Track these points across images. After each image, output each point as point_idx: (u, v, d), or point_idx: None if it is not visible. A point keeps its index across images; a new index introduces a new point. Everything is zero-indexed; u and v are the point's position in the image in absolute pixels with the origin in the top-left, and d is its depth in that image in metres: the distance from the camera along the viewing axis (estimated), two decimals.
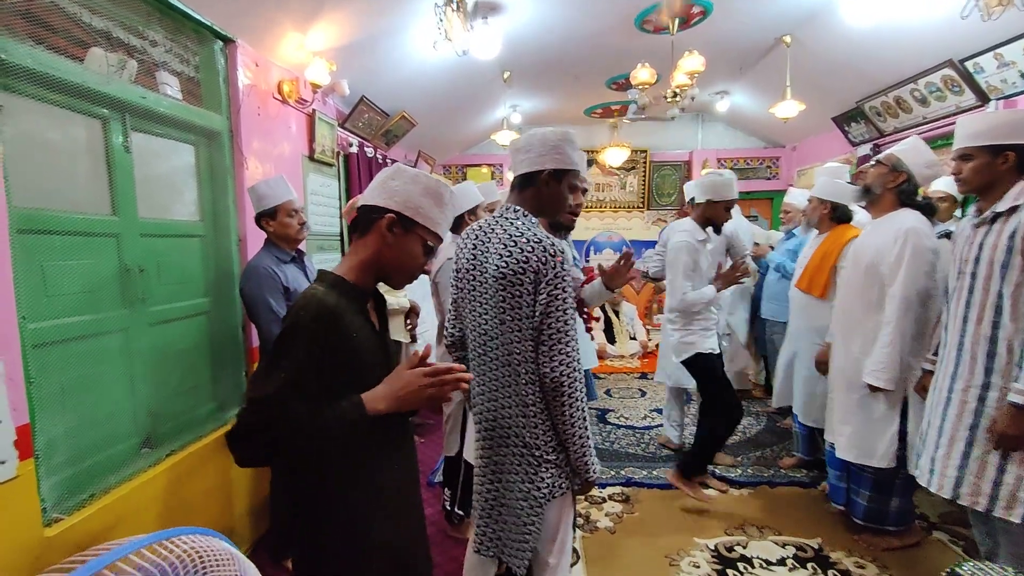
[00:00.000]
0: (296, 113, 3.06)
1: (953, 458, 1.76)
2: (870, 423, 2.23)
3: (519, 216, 1.42)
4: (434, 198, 1.14)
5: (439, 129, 5.42)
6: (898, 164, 2.19)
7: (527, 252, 1.33)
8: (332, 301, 1.05)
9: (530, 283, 1.33)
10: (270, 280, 2.09)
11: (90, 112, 1.73)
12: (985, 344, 1.71)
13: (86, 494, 1.61)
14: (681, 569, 2.24)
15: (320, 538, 1.09)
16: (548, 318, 1.33)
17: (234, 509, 2.29)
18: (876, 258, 2.18)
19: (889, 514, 2.30)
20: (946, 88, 3.66)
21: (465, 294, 1.51)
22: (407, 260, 1.15)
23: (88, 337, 1.70)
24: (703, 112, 6.42)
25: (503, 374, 1.42)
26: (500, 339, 1.40)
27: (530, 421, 1.39)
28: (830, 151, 5.26)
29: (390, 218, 1.10)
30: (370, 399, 1.05)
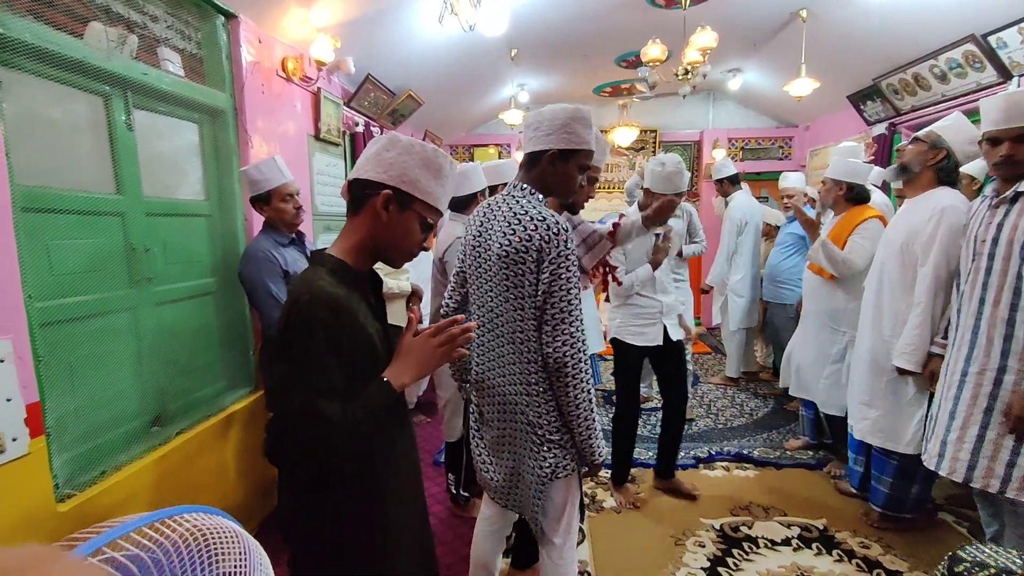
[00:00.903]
0: (301, 91, 3.02)
1: (967, 441, 1.74)
2: (898, 407, 2.20)
3: (525, 194, 1.40)
4: (432, 170, 1.06)
5: (446, 108, 5.35)
6: (938, 141, 2.09)
7: (530, 230, 1.30)
8: (341, 291, 1.00)
9: (533, 262, 1.31)
10: (268, 264, 2.06)
11: (91, 89, 1.71)
12: (1002, 327, 1.67)
13: (97, 471, 1.63)
14: (687, 549, 2.26)
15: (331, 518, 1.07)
16: (551, 297, 1.31)
17: (243, 487, 2.32)
18: (909, 238, 2.11)
19: (908, 501, 2.28)
20: (967, 64, 3.54)
21: (471, 271, 1.49)
22: (403, 240, 1.08)
23: (95, 316, 1.70)
24: (714, 91, 6.29)
25: (508, 351, 1.41)
26: (504, 317, 1.39)
27: (533, 400, 1.39)
28: (844, 131, 5.14)
29: (386, 195, 1.03)
30: (393, 375, 1.04)
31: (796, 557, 2.19)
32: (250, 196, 2.18)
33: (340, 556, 1.07)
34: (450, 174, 1.11)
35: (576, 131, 1.36)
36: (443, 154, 1.09)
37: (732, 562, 2.16)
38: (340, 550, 1.07)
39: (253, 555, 0.56)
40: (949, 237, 1.99)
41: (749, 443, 3.27)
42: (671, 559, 2.19)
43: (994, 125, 1.70)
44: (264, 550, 0.86)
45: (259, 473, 2.42)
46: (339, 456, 1.01)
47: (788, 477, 2.88)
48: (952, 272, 2.01)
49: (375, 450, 1.09)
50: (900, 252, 2.16)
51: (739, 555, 2.21)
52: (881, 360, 2.23)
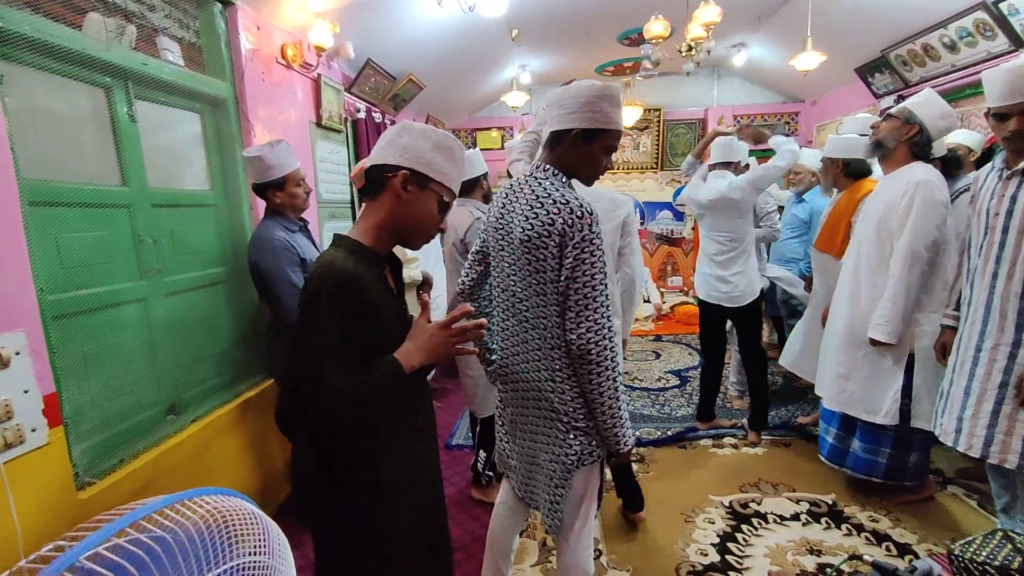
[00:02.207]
0: (301, 78, 3.00)
1: (982, 417, 1.74)
2: (875, 379, 2.23)
3: (548, 176, 1.35)
4: (444, 152, 1.11)
5: (447, 92, 5.30)
6: (910, 116, 2.11)
7: (552, 214, 1.26)
8: (351, 267, 1.03)
9: (555, 246, 1.26)
10: (286, 253, 2.03)
11: (92, 80, 1.70)
12: (1016, 301, 1.66)
13: (116, 459, 1.66)
14: (696, 525, 2.28)
15: (347, 500, 1.10)
16: (574, 283, 1.26)
17: (259, 472, 2.36)
18: (885, 214, 2.13)
19: (907, 469, 2.31)
20: (978, 33, 3.46)
21: (494, 252, 1.47)
22: (424, 218, 1.12)
23: (107, 308, 1.72)
24: (719, 67, 6.18)
25: (532, 336, 1.38)
26: (527, 302, 1.36)
27: (558, 387, 1.35)
28: (852, 104, 5.05)
29: (404, 175, 1.07)
30: (404, 355, 1.06)
31: (805, 532, 2.21)
32: (261, 182, 2.09)
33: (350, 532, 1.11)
34: (460, 157, 1.15)
35: (602, 110, 1.30)
36: (453, 138, 1.14)
37: (742, 538, 2.19)
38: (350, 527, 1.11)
39: (272, 537, 0.58)
40: (924, 210, 2.01)
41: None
42: (681, 535, 2.22)
43: (1000, 100, 1.67)
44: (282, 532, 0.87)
45: (274, 459, 2.46)
46: (341, 422, 1.04)
47: (797, 454, 2.89)
48: (929, 246, 2.03)
49: (388, 428, 1.11)
50: (877, 227, 2.17)
51: (748, 531, 2.23)
52: (858, 333, 2.24)
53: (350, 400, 0.99)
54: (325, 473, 1.10)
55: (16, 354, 1.32)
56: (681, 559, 2.08)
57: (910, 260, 2.03)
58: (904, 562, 1.96)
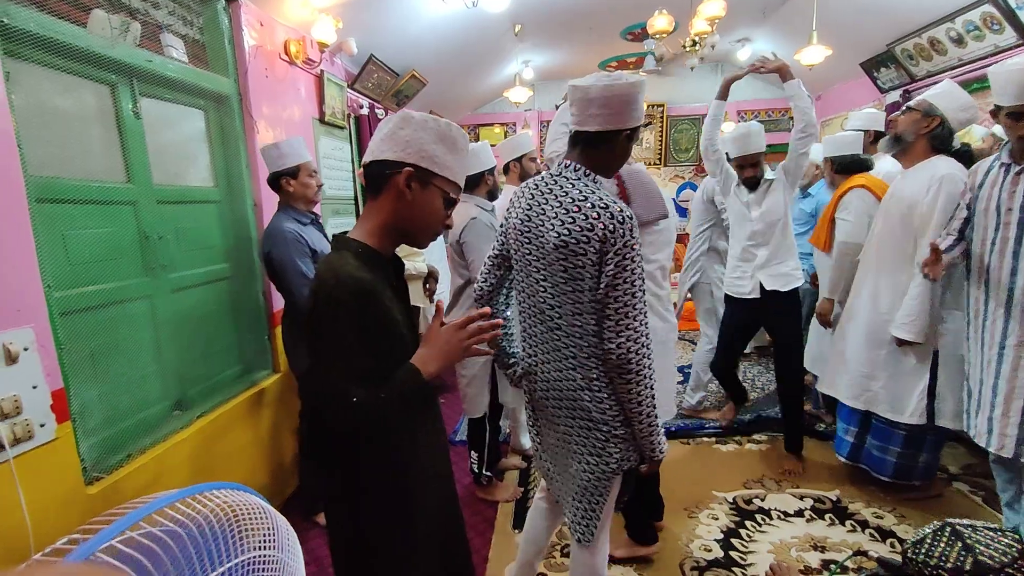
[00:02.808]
0: (304, 75, 2.99)
1: (1012, 416, 1.71)
2: (899, 378, 2.20)
3: (580, 176, 1.28)
4: (448, 144, 1.05)
5: (450, 88, 5.29)
6: (931, 109, 2.08)
7: (592, 219, 1.19)
8: (366, 274, 0.99)
9: (595, 252, 1.20)
10: (297, 244, 2.07)
11: (97, 78, 1.71)
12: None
13: (123, 454, 1.67)
14: (700, 521, 2.29)
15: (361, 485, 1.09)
16: (614, 291, 1.21)
17: (264, 467, 2.37)
18: (909, 209, 2.10)
19: (916, 469, 2.29)
20: (985, 27, 3.43)
21: (518, 257, 1.40)
22: (429, 217, 1.06)
23: (113, 304, 1.73)
24: (723, 62, 6.15)
25: (565, 345, 1.33)
26: (561, 309, 1.31)
27: (596, 396, 1.31)
28: (857, 99, 5.03)
29: (408, 172, 1.01)
30: (420, 362, 1.03)
31: (809, 528, 2.22)
32: (276, 170, 2.15)
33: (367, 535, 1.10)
34: (465, 148, 1.08)
35: (641, 105, 1.29)
36: (456, 127, 1.07)
37: (745, 534, 2.19)
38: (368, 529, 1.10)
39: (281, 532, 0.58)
40: (949, 206, 1.98)
41: (762, 413, 3.29)
42: (685, 531, 2.22)
43: (1016, 100, 1.64)
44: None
45: (280, 454, 2.47)
46: (370, 439, 1.03)
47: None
48: None
49: (404, 435, 1.10)
50: (900, 223, 2.14)
51: (752, 527, 2.24)
52: (879, 332, 2.22)
53: (375, 413, 0.97)
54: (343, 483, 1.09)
55: (24, 350, 1.33)
56: (685, 555, 2.08)
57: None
58: None
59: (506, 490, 2.58)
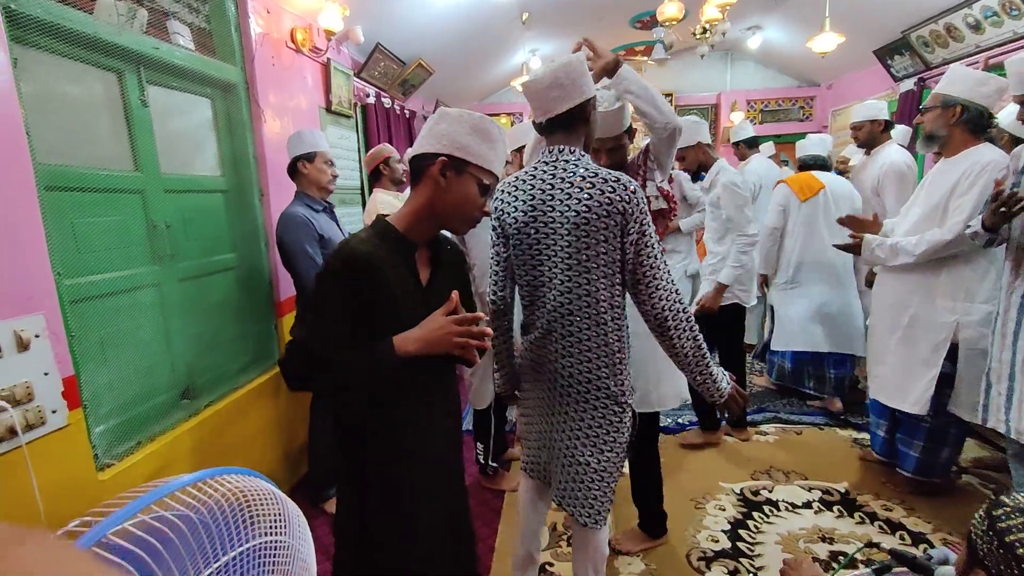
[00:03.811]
0: (311, 63, 2.98)
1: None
2: (907, 366, 2.17)
3: (579, 156, 1.32)
4: (482, 135, 1.10)
5: (457, 77, 5.26)
6: (947, 99, 2.02)
7: (608, 192, 1.24)
8: (367, 248, 1.04)
9: (617, 225, 1.25)
10: (306, 228, 2.14)
11: (104, 65, 1.70)
12: None
13: (133, 441, 1.69)
14: (707, 512, 2.28)
15: (365, 479, 1.11)
16: (641, 255, 1.27)
17: (272, 455, 2.39)
18: (944, 198, 2.04)
19: (938, 465, 2.26)
20: (1003, 12, 3.37)
21: (521, 252, 1.40)
22: (463, 203, 1.11)
23: (122, 293, 1.73)
24: (733, 50, 6.08)
25: (584, 327, 1.34)
26: (578, 291, 1.32)
27: (615, 369, 1.36)
28: (870, 88, 4.95)
29: (442, 161, 1.07)
30: (400, 340, 1.05)
31: (817, 520, 2.21)
32: (295, 154, 2.24)
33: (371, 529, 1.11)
34: (499, 138, 1.13)
35: (590, 77, 1.35)
36: (490, 120, 1.12)
37: (753, 525, 2.19)
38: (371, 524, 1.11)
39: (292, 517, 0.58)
40: (987, 193, 1.91)
41: (772, 407, 3.27)
42: (692, 522, 2.22)
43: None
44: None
45: (287, 443, 2.48)
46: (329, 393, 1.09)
47: (809, 442, 2.88)
48: None
49: (409, 427, 1.11)
50: (932, 212, 2.08)
51: (760, 518, 2.23)
52: (896, 318, 2.20)
53: (342, 375, 1.02)
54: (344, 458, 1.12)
55: (36, 337, 1.34)
56: (692, 545, 2.08)
57: (956, 232, 1.95)
58: (919, 551, 1.95)
59: (512, 480, 2.58)
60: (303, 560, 0.72)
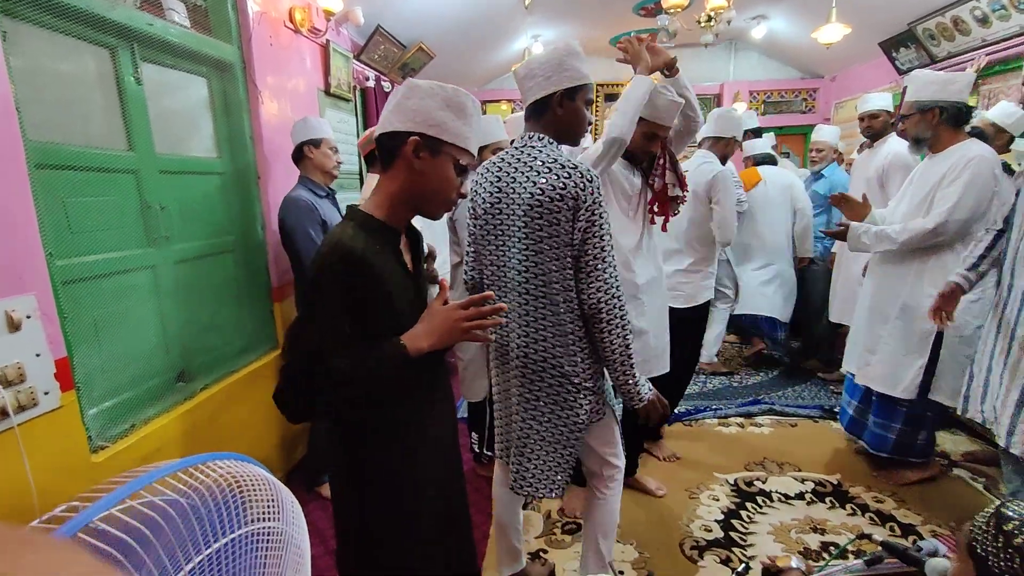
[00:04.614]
0: (309, 44, 2.93)
1: (1008, 406, 1.69)
2: (898, 354, 2.22)
3: (546, 144, 1.37)
4: (456, 110, 1.02)
5: (458, 62, 5.19)
6: (922, 105, 2.09)
7: (564, 178, 1.28)
8: (360, 244, 0.98)
9: (568, 209, 1.28)
10: (310, 212, 2.16)
11: (97, 40, 1.66)
12: None
13: (127, 424, 1.68)
14: (700, 502, 2.30)
15: (366, 477, 1.09)
16: (586, 244, 1.30)
17: (267, 439, 2.39)
18: (932, 190, 2.10)
19: (915, 446, 2.32)
20: (1012, 5, 3.33)
21: (487, 232, 1.44)
22: (440, 186, 1.04)
23: (115, 274, 1.71)
24: (736, 40, 6.01)
25: (539, 306, 1.39)
26: (534, 270, 1.36)
27: (569, 350, 1.39)
28: (874, 80, 4.91)
29: (414, 141, 0.99)
30: (411, 339, 1.02)
31: (810, 511, 2.22)
32: (301, 139, 2.26)
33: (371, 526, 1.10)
34: (475, 113, 1.06)
35: (574, 67, 1.35)
36: (464, 92, 1.04)
37: (746, 515, 2.20)
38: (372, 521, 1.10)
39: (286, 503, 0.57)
40: (972, 184, 1.98)
41: (766, 400, 3.28)
42: (685, 511, 2.23)
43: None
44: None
45: (282, 427, 2.48)
46: (343, 407, 1.03)
47: (803, 434, 2.89)
48: (968, 220, 2.01)
49: (396, 409, 1.09)
50: (920, 205, 2.14)
51: (753, 508, 2.24)
52: (884, 307, 2.26)
53: (353, 383, 0.97)
54: (345, 454, 1.09)
55: (27, 317, 1.32)
56: (685, 534, 2.09)
57: (937, 222, 2.02)
58: (908, 542, 1.97)
59: None
60: (296, 546, 0.72)
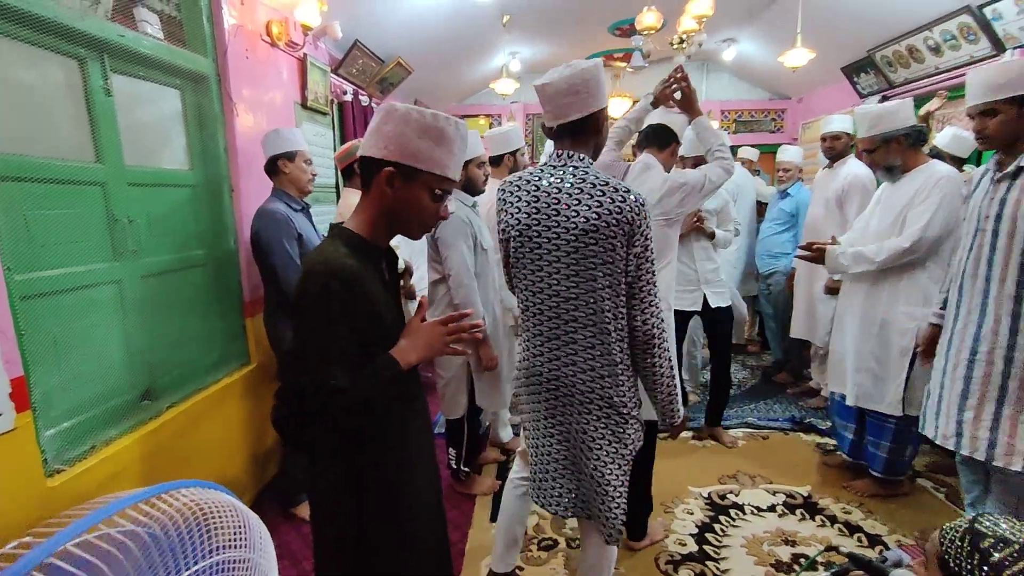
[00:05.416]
0: (287, 57, 2.91)
1: (984, 420, 1.74)
2: (882, 370, 2.26)
3: (589, 164, 1.33)
4: (434, 137, 1.00)
5: (436, 77, 5.22)
6: (884, 135, 2.18)
7: (619, 202, 1.24)
8: (356, 265, 0.99)
9: (624, 235, 1.25)
10: (286, 226, 2.13)
11: (66, 51, 1.62)
12: (1009, 304, 1.66)
13: (87, 446, 1.61)
14: (675, 516, 2.31)
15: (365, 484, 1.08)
16: (640, 270, 1.29)
17: (238, 458, 2.32)
18: (905, 207, 2.17)
19: (903, 464, 2.36)
20: (961, 36, 3.52)
21: (520, 256, 1.38)
22: (415, 213, 1.04)
23: (78, 289, 1.65)
24: (708, 61, 6.20)
25: (587, 335, 1.34)
26: (584, 298, 1.31)
27: (617, 380, 1.35)
28: (837, 103, 5.11)
29: (388, 172, 0.99)
30: (400, 353, 1.03)
31: (781, 523, 2.26)
32: (275, 152, 2.23)
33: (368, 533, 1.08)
34: (456, 136, 1.04)
35: (605, 86, 1.35)
36: (444, 117, 1.03)
37: (719, 528, 2.22)
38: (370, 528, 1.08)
39: (253, 531, 0.55)
40: (945, 205, 2.06)
41: (738, 413, 3.34)
42: (661, 526, 2.24)
43: (967, 102, 1.72)
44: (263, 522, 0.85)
45: (254, 445, 2.42)
46: (346, 426, 1.03)
47: (774, 446, 2.95)
48: (935, 239, 2.09)
49: (401, 432, 1.10)
50: (892, 224, 2.20)
51: (726, 522, 2.27)
52: (870, 327, 2.29)
53: (356, 403, 0.97)
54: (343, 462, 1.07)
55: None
56: (660, 549, 2.10)
57: (912, 240, 2.09)
58: (875, 553, 2.02)
59: (484, 483, 2.57)
60: (264, 573, 0.70)
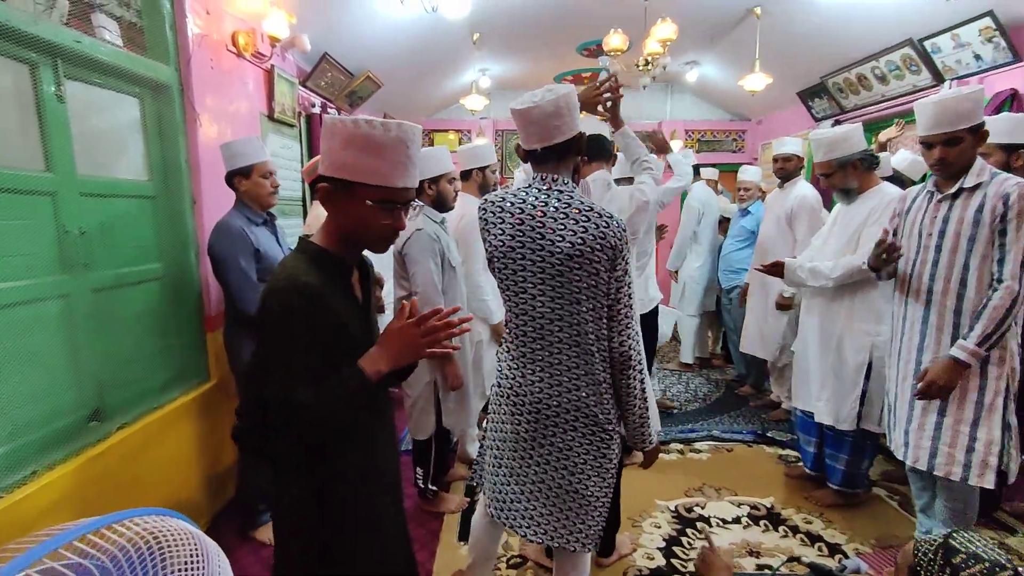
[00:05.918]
0: (253, 68, 2.87)
1: (927, 429, 1.81)
2: (839, 386, 2.32)
3: (573, 188, 1.35)
4: (359, 146, 0.94)
5: (406, 91, 5.22)
6: (839, 161, 2.26)
7: (602, 227, 1.26)
8: (314, 278, 0.97)
9: (608, 260, 1.27)
10: (242, 241, 2.05)
11: (15, 56, 1.56)
12: (951, 316, 1.76)
13: (27, 471, 1.52)
14: (643, 530, 2.33)
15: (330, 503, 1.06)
16: (619, 293, 1.32)
17: (192, 481, 2.22)
18: (860, 227, 2.24)
19: (860, 476, 2.43)
20: (904, 67, 3.75)
21: (505, 276, 1.39)
22: (363, 226, 1.01)
23: (21, 304, 1.57)
24: (672, 82, 6.40)
25: (571, 355, 1.36)
26: (568, 319, 1.33)
27: (602, 398, 1.38)
28: (794, 125, 5.35)
29: (322, 189, 0.98)
30: (369, 363, 1.00)
31: (746, 534, 2.30)
32: (229, 168, 2.13)
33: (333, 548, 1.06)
34: (388, 141, 0.95)
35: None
36: (368, 122, 0.95)
37: (686, 541, 2.25)
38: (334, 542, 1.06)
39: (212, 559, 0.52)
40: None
41: (704, 427, 3.40)
42: (629, 540, 2.25)
43: (926, 130, 1.76)
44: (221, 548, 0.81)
45: (210, 466, 2.32)
46: (310, 440, 1.00)
47: (739, 458, 3.01)
48: None
49: (368, 443, 1.08)
50: (848, 243, 2.28)
51: (693, 534, 2.30)
52: (827, 344, 2.35)
53: (320, 416, 0.95)
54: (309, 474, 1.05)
55: None
56: (628, 564, 2.11)
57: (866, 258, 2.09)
58: (835, 562, 2.07)
59: (452, 501, 2.53)
60: None
